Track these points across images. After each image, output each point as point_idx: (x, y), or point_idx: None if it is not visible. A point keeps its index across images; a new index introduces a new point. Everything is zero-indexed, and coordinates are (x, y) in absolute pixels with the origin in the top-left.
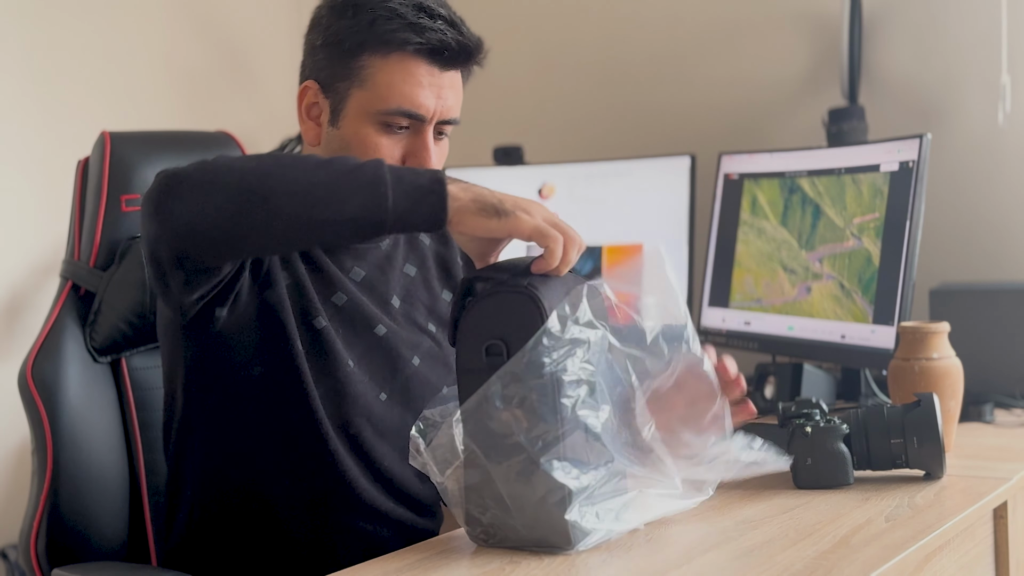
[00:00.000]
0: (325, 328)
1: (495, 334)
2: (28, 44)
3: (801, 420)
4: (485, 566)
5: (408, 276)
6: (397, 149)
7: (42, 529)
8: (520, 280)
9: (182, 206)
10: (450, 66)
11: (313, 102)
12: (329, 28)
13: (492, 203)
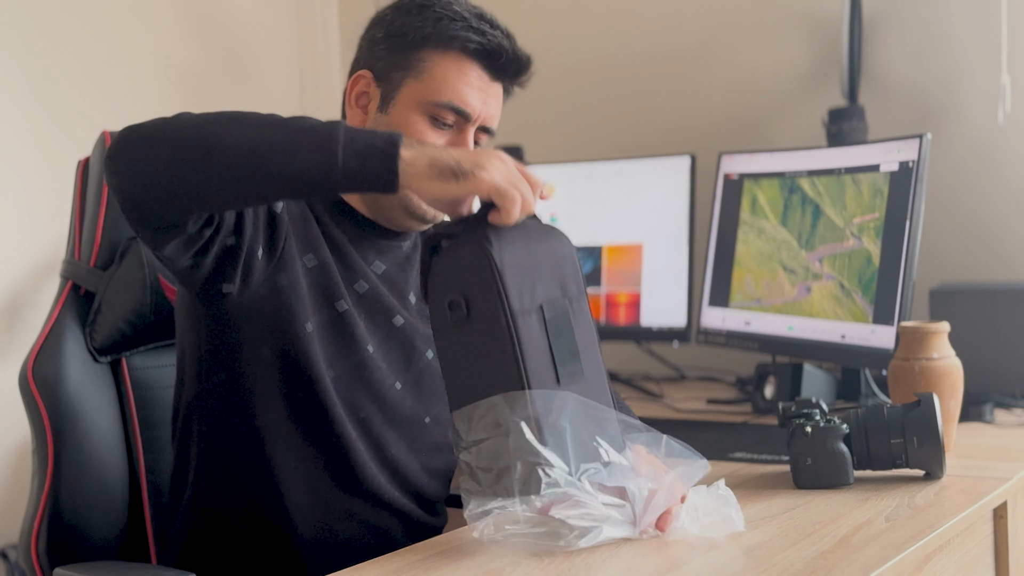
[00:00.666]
0: (347, 311)
1: (455, 290)
2: (29, 44)
3: (801, 420)
4: (486, 566)
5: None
6: (441, 142)
7: (42, 529)
8: (474, 233)
9: (133, 158)
10: (500, 76)
11: (364, 91)
12: (394, 23)
13: (449, 165)
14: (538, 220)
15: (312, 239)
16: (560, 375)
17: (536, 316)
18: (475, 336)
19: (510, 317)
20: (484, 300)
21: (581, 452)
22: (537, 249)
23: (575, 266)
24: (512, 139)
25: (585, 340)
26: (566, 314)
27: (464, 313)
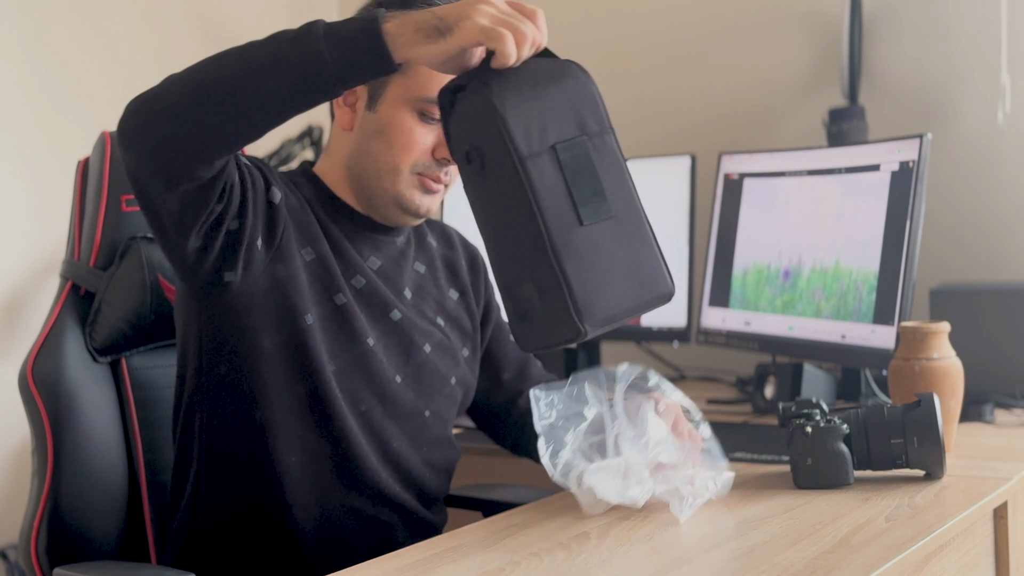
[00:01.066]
0: (346, 304)
1: (468, 141)
2: (28, 44)
3: (801, 420)
4: (486, 566)
5: (418, 272)
6: (430, 137)
7: (42, 529)
8: (478, 81)
9: (141, 123)
10: None
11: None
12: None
13: (433, 24)
14: (552, 57)
15: (310, 233)
16: (582, 215)
17: (549, 157)
18: (492, 184)
19: (518, 161)
20: (493, 147)
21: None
22: (547, 88)
23: (595, 102)
24: None
25: (612, 177)
26: (586, 153)
27: (480, 163)
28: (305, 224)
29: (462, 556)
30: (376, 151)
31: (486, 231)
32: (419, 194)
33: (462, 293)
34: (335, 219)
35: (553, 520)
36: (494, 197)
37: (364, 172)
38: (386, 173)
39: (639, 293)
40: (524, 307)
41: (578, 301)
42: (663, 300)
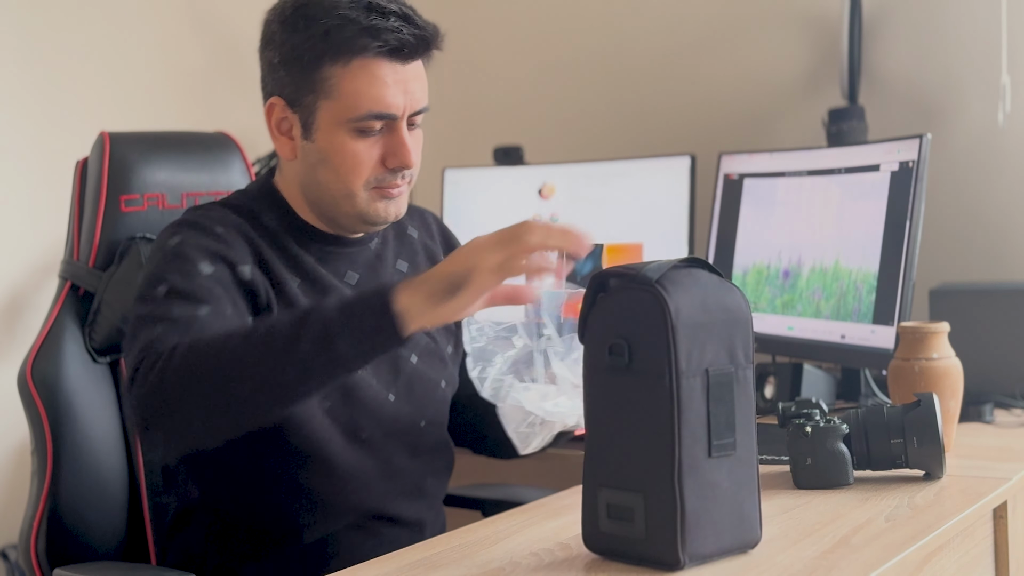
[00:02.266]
0: None
1: (619, 333)
2: (28, 44)
3: (801, 420)
4: (486, 566)
5: (401, 273)
6: (375, 151)
7: (42, 529)
8: (649, 278)
9: (168, 425)
10: (411, 58)
11: (282, 117)
12: (284, 44)
13: (446, 283)
14: (717, 273)
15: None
16: (712, 448)
17: (700, 379)
18: (632, 385)
19: (675, 377)
20: (650, 352)
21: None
22: (713, 306)
23: (747, 331)
24: (512, 139)
25: (742, 414)
26: (730, 383)
27: (625, 360)
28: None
29: (462, 556)
30: (325, 180)
31: (600, 425)
32: (382, 205)
33: None
34: (304, 244)
35: (553, 520)
36: (630, 399)
37: (320, 199)
38: (342, 198)
39: (733, 538)
40: (620, 513)
41: (687, 533)
42: (749, 548)
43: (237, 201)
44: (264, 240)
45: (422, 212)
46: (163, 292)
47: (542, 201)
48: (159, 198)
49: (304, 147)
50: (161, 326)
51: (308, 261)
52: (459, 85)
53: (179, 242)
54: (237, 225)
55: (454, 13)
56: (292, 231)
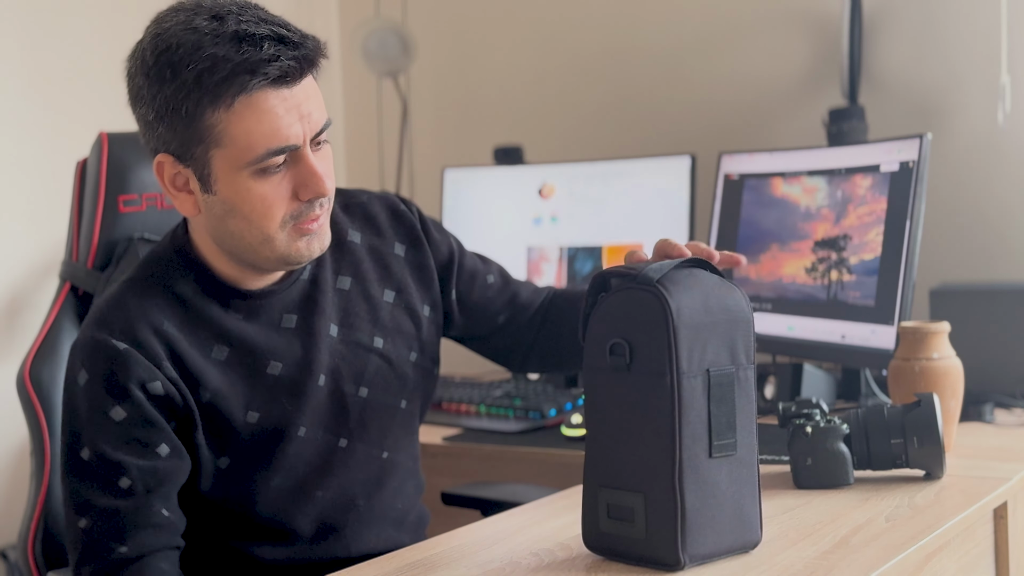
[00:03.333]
0: (267, 402)
1: (620, 333)
2: (28, 45)
3: (801, 420)
4: (486, 566)
5: (343, 292)
6: (284, 187)
7: (39, 531)
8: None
9: None
10: (297, 78)
11: (175, 172)
12: (155, 99)
13: None
14: (717, 272)
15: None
16: (713, 448)
17: (701, 379)
18: (632, 386)
19: (676, 377)
20: (651, 352)
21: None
22: (714, 306)
23: (749, 331)
24: (512, 139)
25: (743, 414)
26: (731, 383)
27: (626, 361)
28: (203, 330)
29: (462, 556)
30: (238, 230)
31: (601, 424)
32: (304, 243)
33: (398, 291)
34: (226, 305)
35: (553, 520)
36: (630, 399)
37: (236, 249)
38: (260, 245)
39: (733, 538)
40: (620, 513)
41: (687, 533)
42: (749, 548)
43: (147, 274)
44: (179, 317)
45: (365, 206)
46: (86, 456)
47: (542, 201)
48: (157, 198)
49: (207, 201)
50: (84, 521)
51: (235, 325)
52: (459, 85)
53: (87, 380)
54: (146, 317)
55: (454, 13)
56: (213, 294)
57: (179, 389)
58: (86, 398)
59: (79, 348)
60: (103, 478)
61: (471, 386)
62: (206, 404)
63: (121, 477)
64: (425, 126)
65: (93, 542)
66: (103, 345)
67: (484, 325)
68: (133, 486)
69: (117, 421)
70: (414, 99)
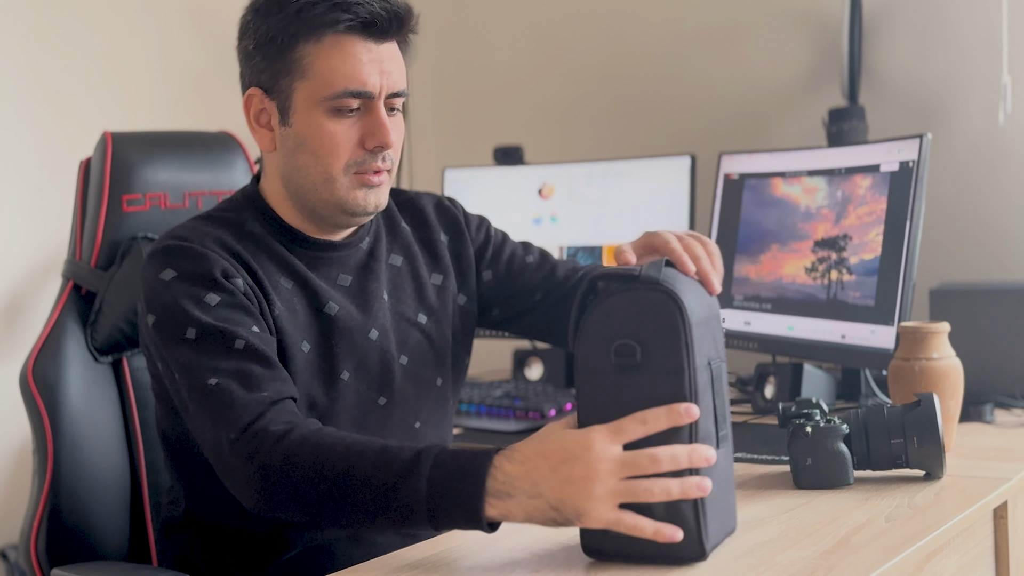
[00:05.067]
0: (320, 338)
1: (627, 335)
2: (30, 44)
3: (801, 420)
4: (485, 566)
5: (394, 267)
6: (353, 132)
7: (42, 529)
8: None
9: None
10: (385, 37)
11: (260, 108)
12: (259, 30)
13: (548, 515)
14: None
15: (278, 266)
16: (719, 438)
17: (706, 373)
18: (643, 385)
19: (692, 371)
20: (665, 350)
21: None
22: (705, 302)
23: (720, 325)
24: (512, 139)
25: (726, 403)
26: (722, 374)
27: (635, 360)
28: (271, 262)
29: (462, 556)
30: (304, 165)
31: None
32: (362, 193)
33: (445, 275)
34: (292, 249)
35: None
36: (642, 397)
37: (300, 189)
38: (322, 184)
39: (726, 525)
40: (637, 511)
41: (708, 524)
42: (731, 533)
43: (219, 213)
44: (250, 248)
45: (414, 201)
46: (193, 335)
47: (542, 201)
48: (161, 198)
49: (283, 134)
50: (215, 379)
51: (298, 265)
52: (459, 85)
53: (174, 276)
54: (219, 240)
55: (454, 13)
56: (279, 236)
57: (256, 296)
58: (178, 290)
59: (158, 253)
60: (218, 344)
61: (471, 386)
62: (274, 320)
63: (235, 339)
64: (425, 126)
65: (231, 395)
66: (184, 247)
67: (522, 302)
68: (249, 344)
69: (212, 305)
70: (414, 99)
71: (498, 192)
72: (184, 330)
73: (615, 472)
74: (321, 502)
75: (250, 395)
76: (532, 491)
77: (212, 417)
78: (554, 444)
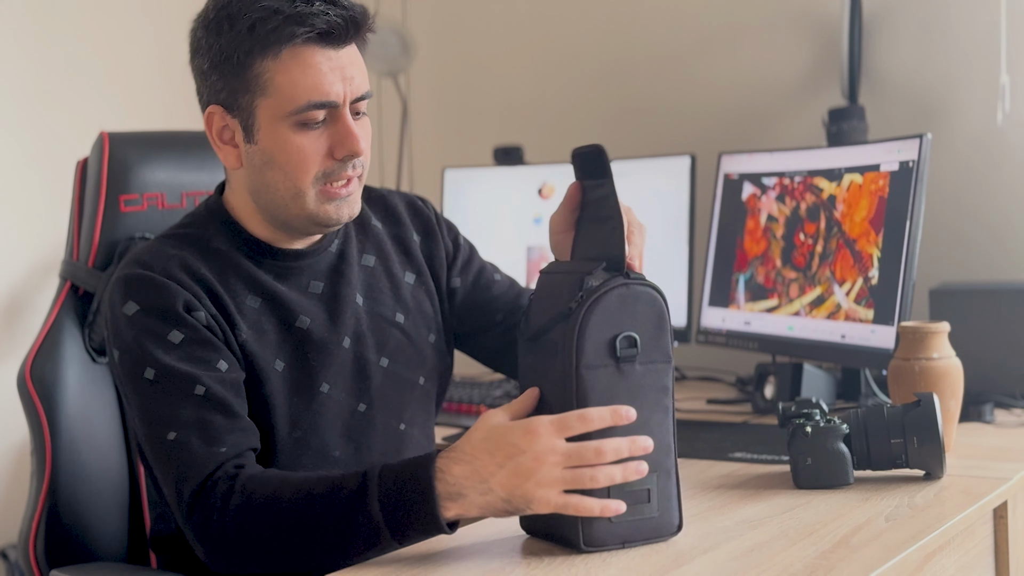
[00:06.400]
0: (294, 354)
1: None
2: (27, 45)
3: (801, 420)
4: (486, 565)
5: (367, 268)
6: (321, 143)
7: (40, 530)
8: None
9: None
10: (343, 43)
11: (223, 125)
12: (212, 48)
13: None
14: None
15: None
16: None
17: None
18: (641, 376)
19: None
20: (657, 341)
21: None
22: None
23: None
24: (512, 139)
25: None
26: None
27: (633, 351)
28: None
29: (462, 556)
30: (272, 181)
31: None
32: (331, 206)
33: (418, 274)
34: (258, 262)
35: None
36: (641, 386)
37: (270, 204)
38: (291, 199)
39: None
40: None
41: (681, 494)
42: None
43: (183, 231)
44: (216, 267)
45: (385, 199)
46: (151, 376)
47: (542, 201)
48: (158, 197)
49: (248, 151)
50: (173, 433)
51: (266, 280)
52: (459, 85)
53: (137, 311)
54: (183, 264)
55: (454, 13)
56: (245, 250)
57: (219, 325)
58: (140, 326)
59: (120, 283)
60: (178, 390)
61: (471, 386)
62: (241, 346)
63: (196, 385)
64: (425, 126)
65: (189, 450)
66: (145, 278)
67: (481, 319)
68: (210, 391)
69: (176, 343)
70: (414, 99)
71: (498, 192)
72: (143, 369)
73: (561, 463)
74: (285, 555)
75: (208, 451)
76: (482, 488)
77: (170, 472)
78: (499, 440)
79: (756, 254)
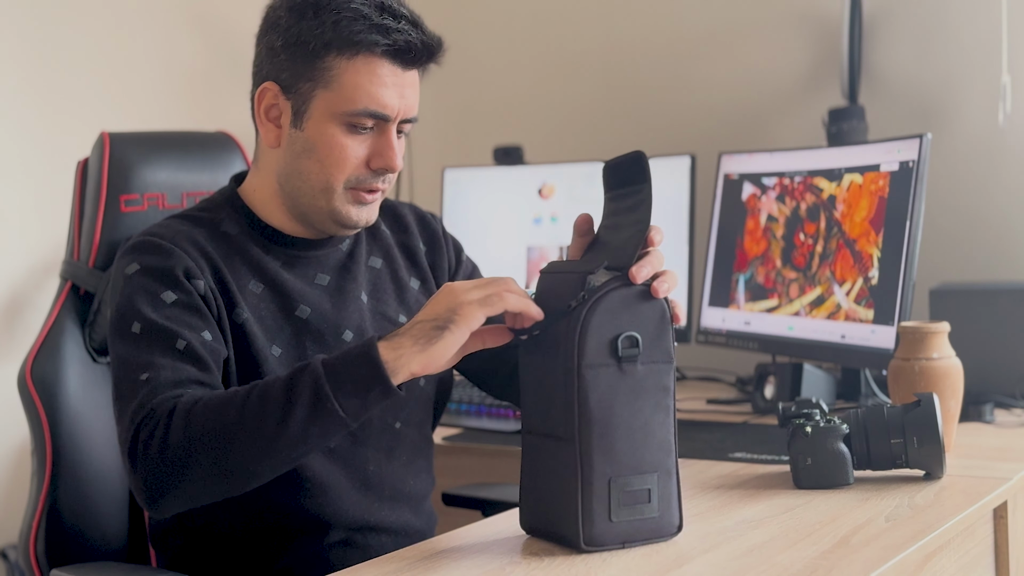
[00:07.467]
0: (292, 341)
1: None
2: (28, 44)
3: (801, 420)
4: (485, 566)
5: (374, 269)
6: (362, 149)
7: (41, 530)
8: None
9: (174, 495)
10: (412, 66)
11: (272, 103)
12: (290, 29)
13: (429, 327)
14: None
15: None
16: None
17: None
18: (643, 376)
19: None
20: (659, 341)
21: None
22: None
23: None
24: (512, 139)
25: None
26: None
27: (635, 351)
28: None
29: (462, 556)
30: (307, 170)
31: (608, 420)
32: (355, 208)
33: (423, 281)
34: (267, 249)
35: None
36: (643, 386)
37: (296, 191)
38: (319, 192)
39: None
40: (635, 498)
41: (681, 493)
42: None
43: (196, 212)
44: (223, 249)
45: (395, 207)
46: (138, 329)
47: (542, 201)
48: (159, 198)
49: (291, 135)
50: (146, 374)
51: (272, 267)
52: (459, 85)
53: (137, 270)
54: (191, 239)
55: (454, 13)
56: (255, 236)
57: (217, 301)
58: (136, 284)
59: (127, 248)
60: (160, 341)
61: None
62: (239, 326)
63: (177, 339)
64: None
65: (154, 387)
66: (152, 243)
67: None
68: (190, 347)
69: (168, 303)
70: None
71: (498, 192)
72: (131, 324)
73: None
74: (225, 443)
75: (174, 392)
76: (413, 329)
77: (129, 406)
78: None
79: (756, 254)
